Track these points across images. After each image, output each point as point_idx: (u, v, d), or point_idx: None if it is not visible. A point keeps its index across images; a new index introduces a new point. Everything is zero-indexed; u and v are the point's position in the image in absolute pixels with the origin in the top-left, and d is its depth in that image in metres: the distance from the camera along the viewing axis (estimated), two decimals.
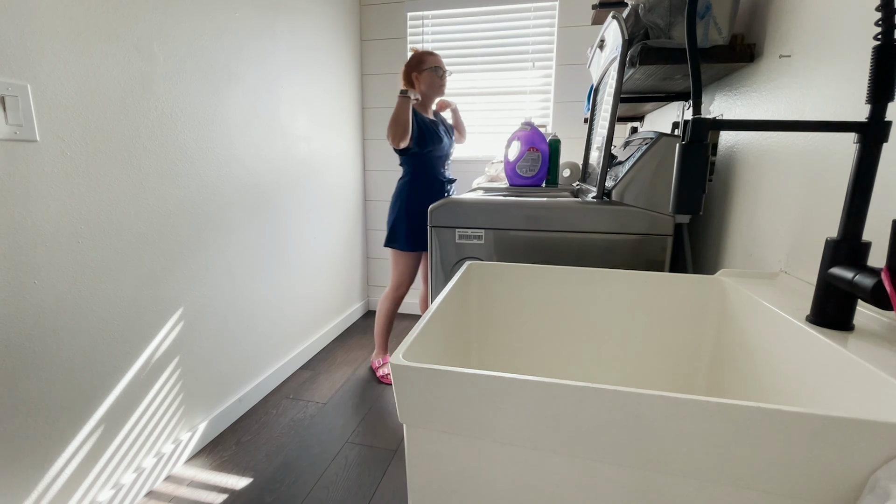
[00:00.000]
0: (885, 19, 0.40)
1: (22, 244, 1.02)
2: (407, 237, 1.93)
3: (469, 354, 0.77)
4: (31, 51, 1.01)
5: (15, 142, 0.99)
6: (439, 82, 1.96)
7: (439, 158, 1.99)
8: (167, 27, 1.36)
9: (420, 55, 1.95)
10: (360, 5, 2.61)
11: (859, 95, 0.57)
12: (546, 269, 0.75)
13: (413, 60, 1.95)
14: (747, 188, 0.85)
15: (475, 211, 1.09)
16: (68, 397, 1.13)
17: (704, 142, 0.48)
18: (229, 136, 1.64)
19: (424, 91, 1.95)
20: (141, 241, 1.31)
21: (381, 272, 2.94)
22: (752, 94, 0.86)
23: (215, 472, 1.46)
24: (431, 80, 1.94)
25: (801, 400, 0.48)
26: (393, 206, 1.98)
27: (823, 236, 0.62)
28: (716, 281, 0.68)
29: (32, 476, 1.07)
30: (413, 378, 0.40)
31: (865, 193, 0.44)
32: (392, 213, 1.98)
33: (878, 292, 0.39)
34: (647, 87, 1.15)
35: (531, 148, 1.50)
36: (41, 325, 1.06)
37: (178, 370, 1.47)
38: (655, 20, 0.85)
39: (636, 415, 0.34)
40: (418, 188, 1.95)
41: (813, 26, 0.67)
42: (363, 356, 2.32)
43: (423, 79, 1.94)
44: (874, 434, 0.30)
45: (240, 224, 1.73)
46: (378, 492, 1.38)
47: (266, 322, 1.92)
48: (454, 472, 0.42)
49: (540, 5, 2.38)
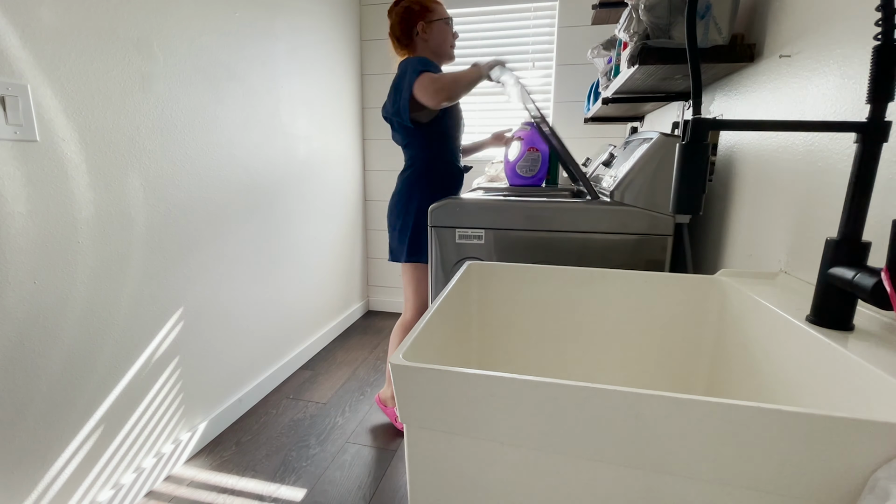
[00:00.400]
0: (885, 19, 0.40)
1: (22, 244, 1.02)
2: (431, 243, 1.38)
3: (469, 354, 0.77)
4: (31, 51, 1.01)
5: (15, 142, 0.99)
6: (452, 40, 1.48)
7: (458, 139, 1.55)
8: (167, 27, 1.36)
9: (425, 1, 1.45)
10: (360, 5, 2.61)
11: (859, 95, 0.57)
12: (546, 269, 0.75)
13: (418, 7, 1.44)
14: (747, 188, 0.85)
15: (475, 211, 1.09)
16: (68, 397, 1.13)
17: (704, 142, 0.48)
18: (229, 136, 1.64)
19: (433, 48, 1.46)
20: (141, 241, 1.31)
21: (382, 272, 2.94)
22: (752, 94, 0.86)
23: (215, 472, 1.46)
24: (445, 34, 1.45)
25: (801, 400, 0.48)
26: (405, 206, 1.45)
27: (823, 236, 0.62)
28: (716, 281, 0.68)
29: (32, 476, 1.07)
30: (413, 378, 0.40)
31: (865, 193, 0.44)
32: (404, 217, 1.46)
33: (878, 292, 0.39)
34: (647, 87, 1.15)
35: (531, 148, 1.50)
36: (41, 325, 1.06)
37: (177, 370, 1.47)
38: (655, 20, 0.85)
39: (636, 415, 0.34)
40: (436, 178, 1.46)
41: (813, 26, 0.67)
42: (363, 356, 2.32)
43: (435, 30, 1.44)
44: (874, 434, 0.30)
45: (240, 224, 1.73)
46: (378, 492, 1.38)
47: (266, 322, 1.92)
48: (454, 472, 0.42)
49: (540, 5, 2.38)
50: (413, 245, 1.45)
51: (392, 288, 2.94)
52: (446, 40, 1.46)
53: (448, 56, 1.50)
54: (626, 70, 0.99)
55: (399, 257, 1.49)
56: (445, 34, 1.45)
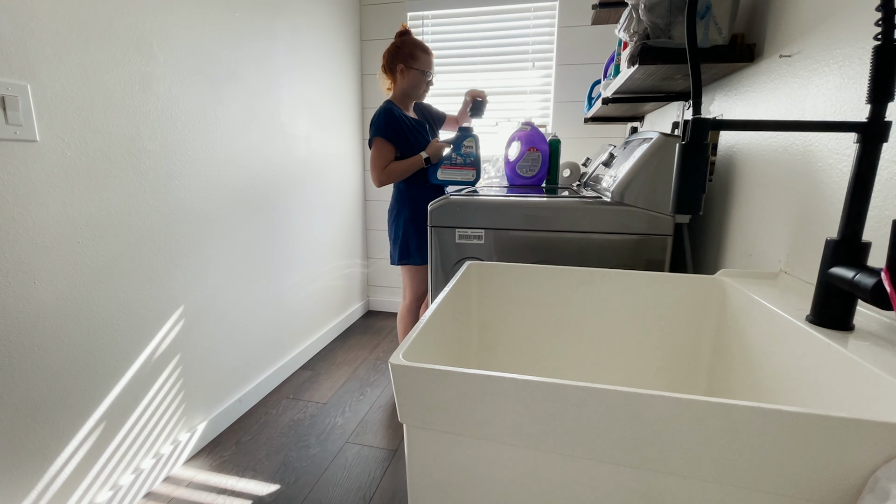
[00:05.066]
0: (885, 19, 0.40)
1: (22, 244, 1.02)
2: (419, 248, 1.73)
3: (469, 354, 0.76)
4: (31, 51, 1.01)
5: (15, 142, 0.99)
6: (424, 88, 1.74)
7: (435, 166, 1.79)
8: (167, 27, 1.36)
9: (413, 47, 1.68)
10: (360, 5, 2.61)
11: (859, 95, 0.57)
12: (546, 269, 0.75)
13: (406, 49, 1.67)
14: (747, 188, 0.85)
15: (475, 211, 1.09)
16: (67, 397, 1.13)
17: (704, 142, 0.48)
18: (229, 136, 1.64)
19: (405, 89, 1.71)
20: (141, 241, 1.31)
21: (382, 272, 2.94)
22: (752, 94, 0.86)
23: (215, 472, 1.46)
24: (418, 82, 1.70)
25: (801, 400, 0.48)
26: (396, 220, 1.77)
27: (823, 236, 0.62)
28: (716, 281, 0.68)
29: (31, 476, 1.07)
30: (413, 378, 0.40)
31: (865, 193, 0.44)
32: (396, 227, 1.77)
33: (878, 292, 0.39)
34: (647, 87, 1.15)
35: (531, 148, 1.50)
36: (41, 325, 1.06)
37: (177, 370, 1.47)
38: (655, 20, 0.85)
39: (636, 415, 0.34)
40: (417, 195, 1.74)
41: (813, 26, 0.67)
42: (363, 356, 2.32)
43: (410, 77, 1.69)
44: (874, 434, 0.30)
45: (240, 224, 1.73)
46: (378, 492, 1.38)
47: (266, 322, 1.92)
48: (454, 472, 0.42)
49: (540, 5, 2.38)
50: (403, 251, 1.75)
51: (392, 288, 2.94)
52: (418, 86, 1.72)
53: (419, 98, 1.78)
54: (626, 70, 0.99)
55: (394, 260, 1.80)
56: (419, 82, 1.71)
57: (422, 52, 1.69)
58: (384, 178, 1.66)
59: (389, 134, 1.64)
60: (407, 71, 1.68)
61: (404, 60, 1.67)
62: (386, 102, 1.71)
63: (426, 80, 1.72)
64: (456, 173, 1.70)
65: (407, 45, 1.68)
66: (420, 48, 1.69)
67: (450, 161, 1.68)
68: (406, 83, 1.70)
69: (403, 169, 1.66)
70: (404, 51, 1.67)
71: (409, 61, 1.67)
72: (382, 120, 1.64)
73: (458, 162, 1.69)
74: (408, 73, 1.68)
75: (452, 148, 1.67)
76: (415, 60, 1.67)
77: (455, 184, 1.72)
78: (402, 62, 1.67)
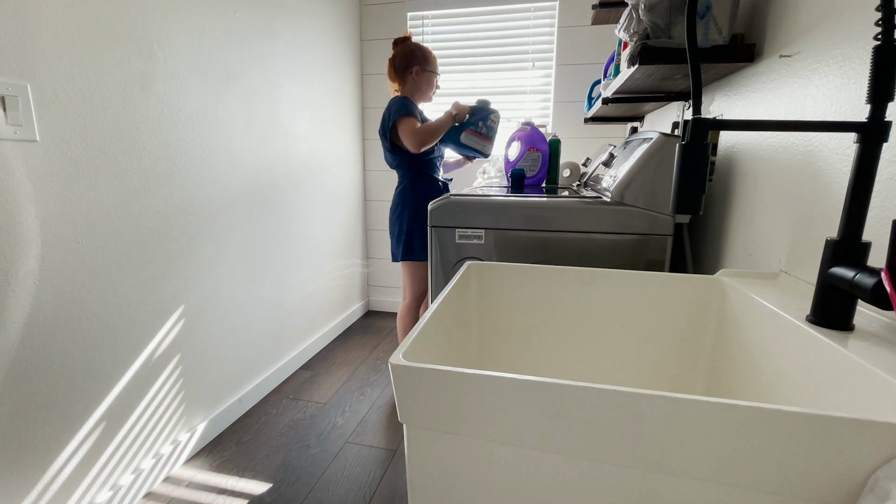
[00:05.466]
0: (885, 19, 0.40)
1: (22, 244, 1.02)
2: (423, 244, 1.76)
3: (469, 354, 0.76)
4: (31, 51, 1.01)
5: (15, 142, 0.99)
6: (434, 90, 1.84)
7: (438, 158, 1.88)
8: (167, 27, 1.36)
9: (426, 52, 1.79)
10: (360, 5, 2.61)
11: (859, 95, 0.57)
12: (546, 269, 0.75)
13: (419, 53, 1.78)
14: (747, 188, 0.85)
15: (475, 211, 1.09)
16: (67, 397, 1.13)
17: (704, 142, 0.48)
18: (229, 136, 1.64)
19: (420, 90, 1.81)
20: (141, 241, 1.31)
21: (382, 272, 2.94)
22: (752, 94, 0.86)
23: (215, 472, 1.46)
24: (431, 83, 1.81)
25: (801, 400, 0.48)
26: (399, 216, 1.80)
27: (823, 236, 0.62)
28: (716, 281, 0.68)
29: (30, 477, 1.07)
30: (413, 378, 0.40)
31: (865, 193, 0.44)
32: (399, 224, 1.80)
33: (878, 292, 0.39)
34: (647, 87, 1.15)
35: (531, 148, 1.50)
36: (41, 325, 1.06)
37: (177, 370, 1.47)
38: (655, 20, 0.85)
39: (636, 415, 0.34)
40: (422, 192, 1.78)
41: (813, 26, 0.67)
42: (363, 356, 2.32)
43: (425, 78, 1.79)
44: (874, 434, 0.30)
45: (240, 224, 1.73)
46: (378, 492, 1.38)
47: (266, 322, 1.92)
48: (454, 472, 0.42)
49: (540, 5, 2.38)
50: (406, 247, 1.78)
51: (392, 288, 2.94)
52: (430, 88, 1.83)
53: (428, 100, 1.87)
54: (626, 70, 0.99)
55: (396, 257, 1.83)
56: (431, 84, 1.82)
57: (431, 54, 1.81)
58: (421, 137, 1.65)
59: (412, 111, 1.70)
60: (422, 73, 1.77)
61: (420, 63, 1.77)
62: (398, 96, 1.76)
63: (436, 84, 1.84)
64: (477, 142, 1.77)
65: (421, 49, 1.79)
66: (429, 52, 1.81)
67: (475, 128, 1.75)
68: (421, 85, 1.79)
69: (435, 126, 1.69)
70: (418, 54, 1.77)
71: (425, 65, 1.78)
72: (402, 103, 1.69)
73: (483, 132, 1.76)
74: (423, 75, 1.78)
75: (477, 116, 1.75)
76: (429, 63, 1.79)
77: (471, 152, 1.81)
78: (419, 64, 1.77)
